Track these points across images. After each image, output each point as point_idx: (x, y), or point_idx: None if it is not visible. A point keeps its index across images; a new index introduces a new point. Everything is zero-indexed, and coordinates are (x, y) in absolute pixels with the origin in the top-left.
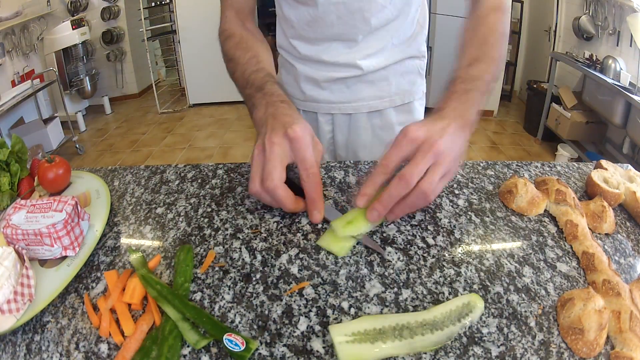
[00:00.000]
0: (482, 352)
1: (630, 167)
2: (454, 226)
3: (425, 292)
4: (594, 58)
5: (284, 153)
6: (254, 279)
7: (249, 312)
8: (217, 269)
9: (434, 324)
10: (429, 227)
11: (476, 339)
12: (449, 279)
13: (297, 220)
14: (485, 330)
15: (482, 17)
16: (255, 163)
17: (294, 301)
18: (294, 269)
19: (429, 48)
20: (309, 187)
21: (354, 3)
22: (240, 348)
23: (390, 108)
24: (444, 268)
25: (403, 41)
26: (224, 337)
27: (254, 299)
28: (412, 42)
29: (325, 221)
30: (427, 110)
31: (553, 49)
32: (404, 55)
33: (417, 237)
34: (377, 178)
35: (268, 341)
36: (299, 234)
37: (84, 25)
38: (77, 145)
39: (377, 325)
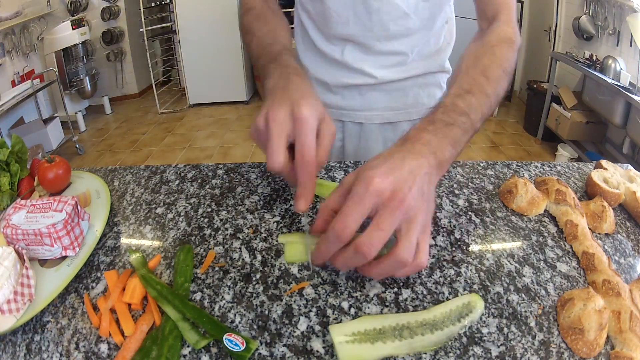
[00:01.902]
0: (482, 352)
1: (630, 167)
2: (454, 226)
3: (425, 292)
4: (594, 58)
5: (286, 132)
6: (254, 279)
7: (249, 312)
8: (217, 269)
9: (434, 324)
10: None
11: (476, 339)
12: (449, 279)
13: (297, 220)
14: (485, 330)
15: (489, 46)
16: (260, 137)
17: (294, 301)
18: (294, 269)
19: None
20: (301, 174)
21: (373, 3)
22: (240, 348)
23: (405, 121)
24: (444, 268)
25: (426, 56)
26: (224, 337)
27: (254, 299)
28: (435, 57)
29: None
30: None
31: (553, 49)
32: (424, 70)
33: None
34: (332, 246)
35: (268, 341)
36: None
37: (84, 25)
38: (77, 145)
39: (377, 325)
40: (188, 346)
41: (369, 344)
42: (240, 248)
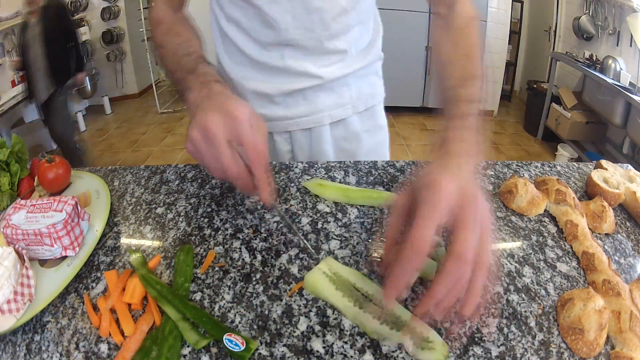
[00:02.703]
0: (482, 352)
1: (630, 167)
2: None
3: (425, 292)
4: (594, 58)
5: (226, 133)
6: (254, 279)
7: (249, 312)
8: (217, 269)
9: (391, 320)
10: None
11: (476, 339)
12: None
13: (297, 220)
14: (485, 330)
15: (461, 28)
16: (203, 150)
17: (294, 301)
18: (294, 269)
19: (427, 48)
20: (257, 169)
21: (313, 1)
22: (240, 348)
23: (354, 115)
24: None
25: (363, 49)
26: (224, 337)
27: (254, 299)
28: (371, 48)
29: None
30: (427, 110)
31: (553, 49)
32: (364, 62)
33: None
34: (410, 265)
35: (268, 341)
36: (299, 234)
37: (84, 25)
38: (77, 145)
39: (355, 282)
40: (188, 346)
41: (332, 287)
42: (240, 248)
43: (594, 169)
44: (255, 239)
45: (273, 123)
